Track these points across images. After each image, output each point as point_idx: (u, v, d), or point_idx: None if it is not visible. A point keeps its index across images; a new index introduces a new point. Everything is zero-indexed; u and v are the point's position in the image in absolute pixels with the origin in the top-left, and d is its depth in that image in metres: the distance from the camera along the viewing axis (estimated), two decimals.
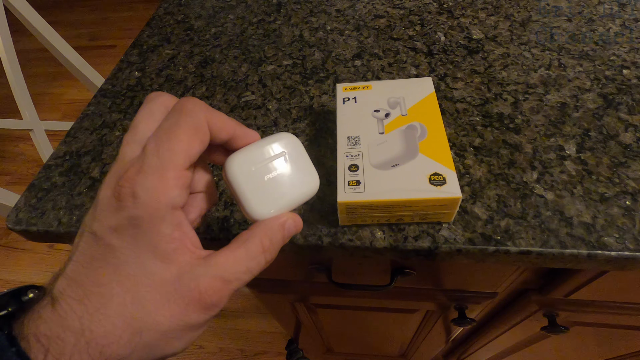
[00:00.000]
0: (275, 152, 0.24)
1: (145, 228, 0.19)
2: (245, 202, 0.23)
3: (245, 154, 0.23)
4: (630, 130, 0.38)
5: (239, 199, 0.23)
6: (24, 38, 1.19)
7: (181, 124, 0.20)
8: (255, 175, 0.23)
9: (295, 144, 0.25)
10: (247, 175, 0.23)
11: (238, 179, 0.23)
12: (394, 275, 0.46)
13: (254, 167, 0.23)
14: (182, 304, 0.19)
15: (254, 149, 0.24)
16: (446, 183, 0.30)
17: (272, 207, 0.23)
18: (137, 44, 0.57)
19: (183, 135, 0.20)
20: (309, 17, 0.56)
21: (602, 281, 0.42)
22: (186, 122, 0.20)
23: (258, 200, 0.23)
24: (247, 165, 0.23)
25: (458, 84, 0.44)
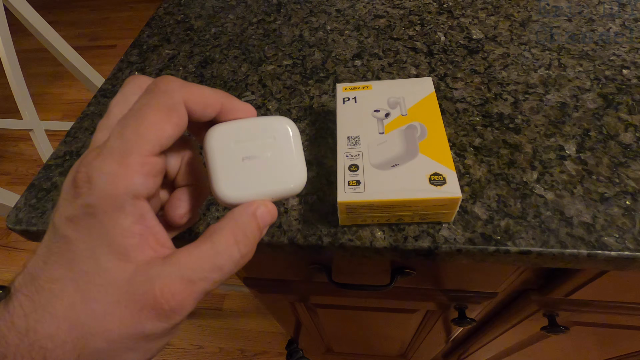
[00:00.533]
0: (264, 133, 0.21)
1: (101, 218, 0.17)
2: (213, 177, 0.20)
3: (228, 126, 0.21)
4: (630, 130, 0.38)
5: (210, 172, 0.21)
6: (24, 38, 1.19)
7: (152, 104, 0.18)
8: (234, 152, 0.21)
9: (288, 130, 0.22)
10: (224, 149, 0.20)
11: (213, 151, 0.20)
12: (394, 275, 0.46)
13: (234, 144, 0.21)
14: (134, 309, 0.16)
15: (241, 124, 0.21)
16: (446, 183, 0.30)
17: (241, 192, 0.20)
18: (137, 44, 0.57)
19: (153, 116, 0.18)
20: (309, 17, 0.56)
21: (602, 281, 0.42)
22: (157, 102, 0.18)
23: (228, 179, 0.20)
24: (227, 139, 0.21)
25: (458, 84, 0.44)
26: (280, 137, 0.21)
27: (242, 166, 0.21)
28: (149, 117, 0.18)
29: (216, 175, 0.20)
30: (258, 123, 0.21)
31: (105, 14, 2.51)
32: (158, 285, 0.17)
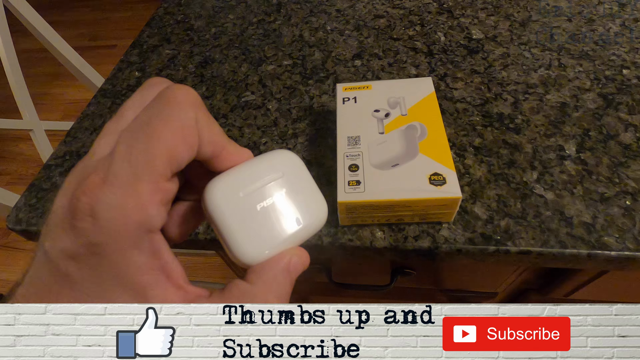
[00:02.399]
0: (270, 173, 0.19)
1: (111, 257, 0.15)
2: (231, 241, 0.17)
3: (230, 176, 0.18)
4: (630, 130, 0.38)
5: (223, 236, 0.18)
6: (24, 38, 1.19)
7: (164, 117, 0.15)
8: (244, 204, 0.18)
9: (294, 162, 0.20)
10: (233, 204, 0.18)
11: (221, 210, 0.17)
12: (394, 275, 0.46)
13: (242, 193, 0.18)
14: None
15: (243, 169, 0.18)
16: (446, 183, 0.30)
17: (267, 247, 0.18)
18: (137, 44, 0.57)
19: (166, 134, 0.15)
20: (309, 17, 0.56)
21: (602, 281, 0.42)
22: (171, 116, 0.15)
23: (248, 237, 0.18)
24: (232, 191, 0.18)
25: (458, 84, 0.44)
26: (288, 171, 0.19)
27: (258, 216, 0.18)
28: (162, 134, 0.15)
29: (232, 236, 0.18)
30: (259, 163, 0.19)
31: (105, 14, 2.51)
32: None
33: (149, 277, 0.15)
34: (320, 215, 0.19)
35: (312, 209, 0.19)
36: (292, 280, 0.18)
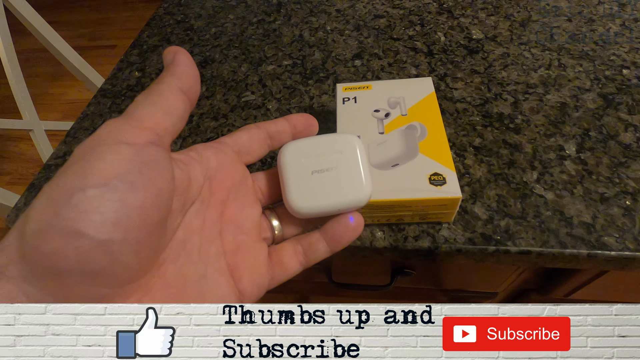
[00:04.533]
0: (331, 148, 0.23)
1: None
2: (286, 191, 0.22)
3: (300, 143, 0.23)
4: (630, 130, 0.38)
5: (283, 187, 0.23)
6: (24, 38, 1.19)
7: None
8: (304, 167, 0.23)
9: (354, 145, 0.23)
10: (295, 165, 0.23)
11: (285, 167, 0.23)
12: (394, 275, 0.46)
13: (305, 159, 0.23)
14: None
15: (311, 140, 0.23)
16: (446, 183, 0.30)
17: (311, 203, 0.22)
18: (137, 44, 0.57)
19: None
20: (309, 17, 0.56)
21: (602, 281, 0.42)
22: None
23: (299, 192, 0.22)
24: (298, 155, 0.23)
25: (458, 84, 0.44)
26: (346, 151, 0.23)
27: (311, 179, 0.22)
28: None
29: (289, 188, 0.22)
30: (326, 139, 0.23)
31: (105, 14, 2.50)
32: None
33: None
34: (359, 195, 0.22)
35: (353, 188, 0.22)
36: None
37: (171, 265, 0.19)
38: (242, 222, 0.22)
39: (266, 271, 0.22)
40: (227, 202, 0.22)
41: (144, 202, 0.16)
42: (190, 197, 0.20)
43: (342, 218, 0.23)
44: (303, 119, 0.24)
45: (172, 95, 0.19)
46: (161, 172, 0.17)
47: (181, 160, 0.20)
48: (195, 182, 0.20)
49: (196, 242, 0.20)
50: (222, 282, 0.21)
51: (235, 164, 0.23)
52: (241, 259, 0.21)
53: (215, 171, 0.22)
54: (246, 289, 0.21)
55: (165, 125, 0.18)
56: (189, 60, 0.20)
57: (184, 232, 0.20)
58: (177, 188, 0.19)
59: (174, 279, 0.19)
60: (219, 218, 0.22)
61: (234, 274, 0.21)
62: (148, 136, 0.17)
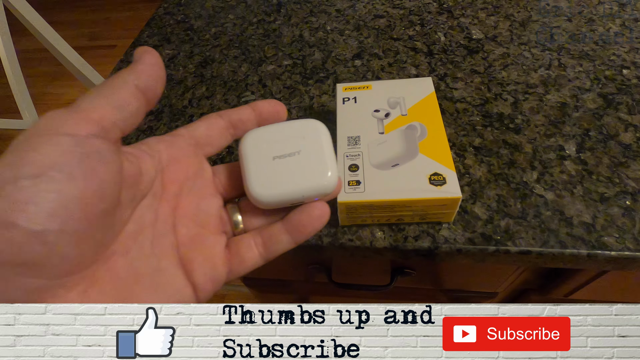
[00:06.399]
0: (294, 133, 0.22)
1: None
2: (247, 178, 0.22)
3: (262, 130, 0.22)
4: (630, 130, 0.38)
5: (243, 174, 0.22)
6: (24, 38, 1.19)
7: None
8: (265, 153, 0.22)
9: (317, 129, 0.22)
10: (256, 152, 0.22)
11: (245, 154, 0.22)
12: (394, 275, 0.46)
13: (266, 145, 0.22)
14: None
15: (273, 127, 0.23)
16: (446, 183, 0.30)
17: (273, 191, 0.21)
18: (137, 44, 0.57)
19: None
20: (309, 17, 0.56)
21: (602, 281, 0.42)
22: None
23: (260, 180, 0.21)
24: (259, 141, 0.22)
25: (458, 84, 0.44)
26: (309, 136, 0.22)
27: (272, 166, 0.21)
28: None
29: (249, 176, 0.21)
30: (289, 125, 0.23)
31: (105, 14, 2.50)
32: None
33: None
34: (323, 181, 0.21)
35: (318, 173, 0.21)
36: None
37: (121, 258, 0.19)
38: (197, 215, 0.22)
39: (222, 264, 0.22)
40: (182, 195, 0.22)
41: (84, 193, 0.16)
42: (141, 190, 0.20)
43: (306, 207, 0.22)
44: (269, 105, 0.24)
45: (125, 91, 0.19)
46: (105, 163, 0.17)
47: (131, 154, 0.20)
48: (147, 175, 0.20)
49: (149, 235, 0.20)
50: (176, 275, 0.20)
51: (190, 157, 0.22)
52: (195, 252, 0.21)
53: (168, 164, 0.22)
54: (199, 282, 0.21)
55: (113, 119, 0.18)
56: (155, 60, 0.20)
57: (136, 224, 0.20)
58: (126, 181, 0.18)
59: (124, 272, 0.19)
60: (173, 211, 0.21)
61: (187, 267, 0.21)
62: (92, 128, 0.17)
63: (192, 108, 0.46)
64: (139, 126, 0.45)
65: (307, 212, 0.22)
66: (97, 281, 0.18)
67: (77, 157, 0.16)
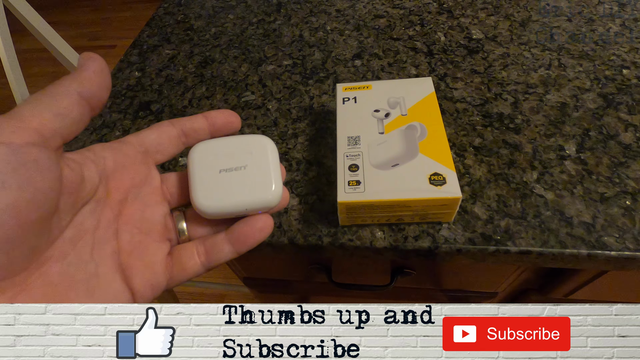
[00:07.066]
0: (242, 149, 0.23)
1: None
2: (192, 189, 0.22)
3: (211, 143, 0.23)
4: (630, 130, 0.38)
5: (189, 185, 0.22)
6: (24, 38, 1.19)
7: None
8: (212, 165, 0.22)
9: (266, 147, 0.23)
10: (202, 164, 0.22)
11: (192, 165, 0.22)
12: (394, 275, 0.46)
13: (213, 157, 0.22)
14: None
15: (222, 140, 0.23)
16: (446, 183, 0.30)
17: (217, 203, 0.22)
18: (137, 44, 0.57)
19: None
20: (309, 17, 0.56)
21: (602, 281, 0.42)
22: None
23: (205, 191, 0.22)
24: (206, 154, 0.23)
25: (458, 84, 0.44)
26: (256, 151, 0.23)
27: (219, 178, 0.22)
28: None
29: (195, 187, 0.22)
30: (238, 139, 0.23)
31: (105, 14, 2.50)
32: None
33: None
34: (266, 195, 0.22)
35: (262, 188, 0.22)
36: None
37: (56, 264, 0.19)
38: (141, 222, 0.22)
39: (163, 271, 0.22)
40: (126, 202, 0.22)
41: (17, 201, 0.16)
42: (82, 196, 0.20)
43: (249, 219, 0.22)
44: (222, 116, 0.24)
45: (66, 98, 0.19)
46: (41, 172, 0.17)
47: (74, 160, 0.20)
48: (89, 182, 0.20)
49: (88, 241, 0.20)
50: (114, 281, 0.21)
51: (137, 164, 0.23)
52: (135, 258, 0.21)
53: (113, 171, 0.22)
54: (138, 288, 0.21)
55: (53, 126, 0.18)
56: (100, 67, 0.20)
57: (75, 230, 0.20)
58: (66, 187, 0.18)
59: (58, 277, 0.19)
60: (116, 218, 0.22)
61: (126, 273, 0.21)
62: (29, 136, 0.17)
63: (192, 108, 0.46)
64: (139, 126, 0.45)
65: (250, 224, 0.22)
66: (28, 287, 0.18)
67: (12, 165, 0.16)
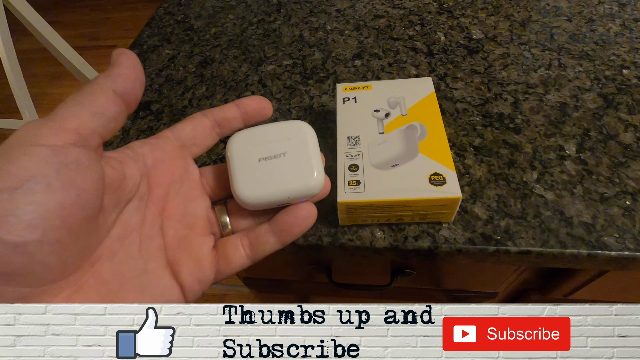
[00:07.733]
0: (280, 136, 0.22)
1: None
2: (233, 180, 0.22)
3: (248, 132, 0.23)
4: (630, 130, 0.38)
5: (229, 176, 0.22)
6: (24, 38, 1.19)
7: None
8: (250, 155, 0.22)
9: (303, 132, 0.23)
10: (241, 153, 0.22)
11: (231, 156, 0.22)
12: (394, 275, 0.46)
13: (252, 147, 0.22)
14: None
15: (259, 128, 0.23)
16: (446, 183, 0.30)
17: (258, 192, 0.21)
18: (137, 44, 0.57)
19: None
20: (309, 17, 0.56)
21: (602, 281, 0.42)
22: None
23: (245, 180, 0.22)
24: (245, 143, 0.22)
25: (458, 84, 0.44)
26: (295, 137, 0.22)
27: (258, 167, 0.22)
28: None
29: (235, 178, 0.22)
30: (275, 126, 0.23)
31: (105, 14, 2.50)
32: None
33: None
34: (309, 182, 0.21)
35: (303, 174, 0.21)
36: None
37: (107, 262, 0.19)
38: (184, 217, 0.22)
39: (209, 265, 0.22)
40: (168, 197, 0.22)
41: (63, 202, 0.16)
42: (125, 194, 0.20)
43: (292, 208, 0.22)
44: (254, 102, 0.24)
45: (102, 97, 0.19)
46: (83, 172, 0.17)
47: (114, 159, 0.20)
48: (131, 179, 0.20)
49: (136, 238, 0.20)
50: (163, 277, 0.21)
51: (176, 159, 0.23)
52: (182, 253, 0.21)
53: (153, 167, 0.22)
54: (187, 283, 0.21)
55: (91, 126, 0.18)
56: (133, 63, 0.20)
57: (122, 229, 0.20)
58: (109, 186, 0.19)
59: (110, 275, 0.19)
60: (160, 213, 0.22)
61: (174, 268, 0.21)
62: (69, 137, 0.17)
63: (192, 108, 0.46)
64: (139, 126, 0.45)
65: (294, 213, 0.22)
66: (82, 286, 0.18)
67: (55, 167, 0.16)
